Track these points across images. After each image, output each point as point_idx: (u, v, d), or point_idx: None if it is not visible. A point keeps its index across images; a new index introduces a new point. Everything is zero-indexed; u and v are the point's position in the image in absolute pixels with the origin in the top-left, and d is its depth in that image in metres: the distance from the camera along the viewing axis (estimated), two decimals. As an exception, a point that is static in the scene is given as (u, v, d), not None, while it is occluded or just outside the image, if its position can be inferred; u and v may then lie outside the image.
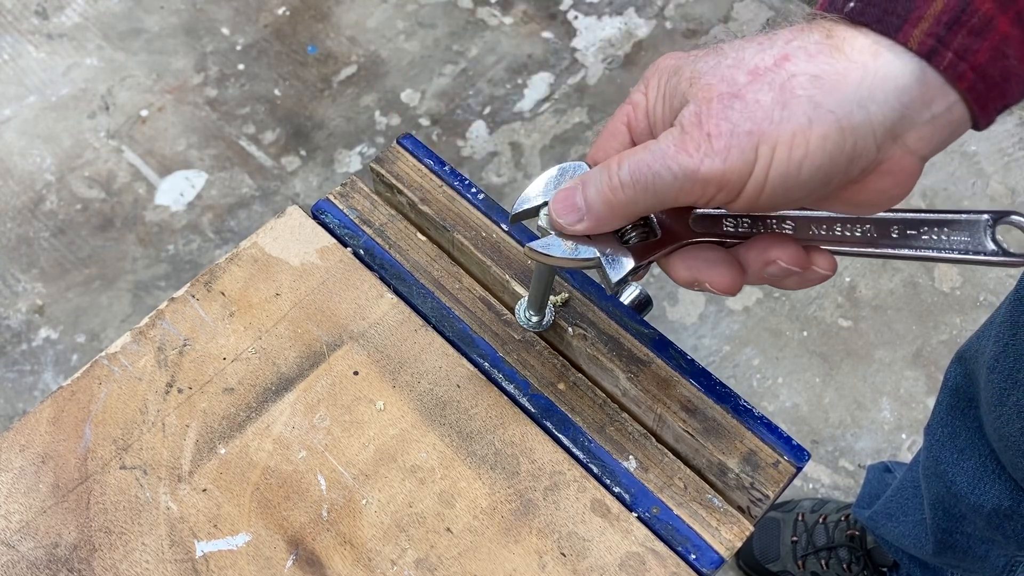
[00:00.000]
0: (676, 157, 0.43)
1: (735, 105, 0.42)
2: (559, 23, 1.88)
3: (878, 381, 1.50)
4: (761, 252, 0.47)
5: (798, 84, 0.41)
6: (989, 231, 0.44)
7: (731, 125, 0.42)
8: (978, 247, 0.44)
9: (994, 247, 0.44)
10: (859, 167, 0.42)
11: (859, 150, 0.41)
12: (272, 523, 0.55)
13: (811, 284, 0.48)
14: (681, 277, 0.48)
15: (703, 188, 0.43)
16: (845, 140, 0.41)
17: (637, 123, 0.49)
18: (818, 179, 0.42)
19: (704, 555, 0.54)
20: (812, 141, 0.41)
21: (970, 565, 1.03)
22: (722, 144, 0.42)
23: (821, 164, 0.41)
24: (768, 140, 0.41)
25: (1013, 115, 1.76)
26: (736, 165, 0.42)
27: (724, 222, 0.48)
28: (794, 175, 0.42)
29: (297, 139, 1.73)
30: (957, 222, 0.45)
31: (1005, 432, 0.84)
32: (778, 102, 0.41)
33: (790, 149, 0.41)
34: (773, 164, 0.41)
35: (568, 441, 0.58)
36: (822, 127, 0.41)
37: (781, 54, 0.42)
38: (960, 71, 0.40)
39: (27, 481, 0.56)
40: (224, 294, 0.63)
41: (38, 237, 1.62)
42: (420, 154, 0.68)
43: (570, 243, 0.48)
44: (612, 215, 0.46)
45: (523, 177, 1.68)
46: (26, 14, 1.87)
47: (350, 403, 0.59)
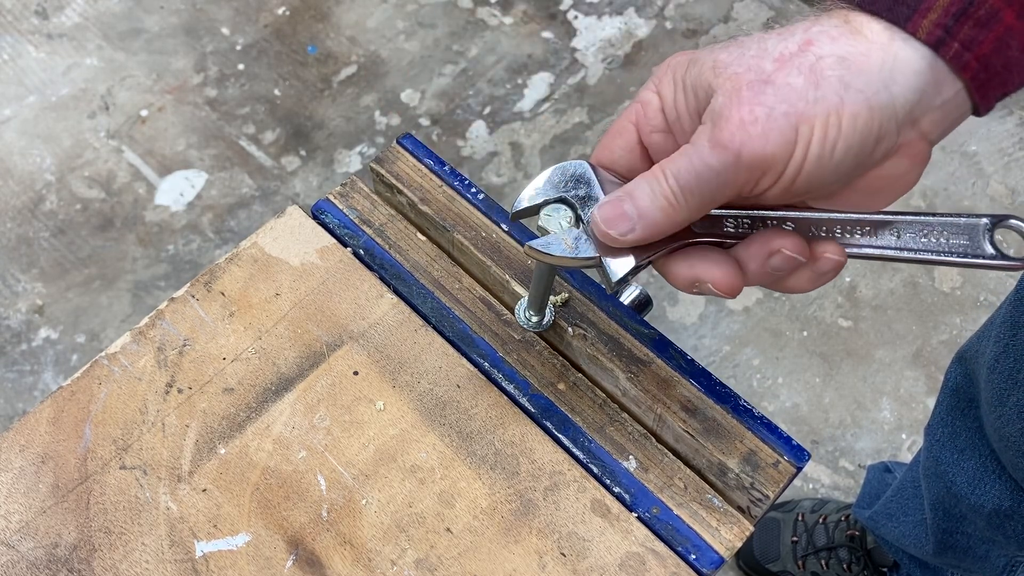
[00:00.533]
0: (714, 153, 0.43)
1: (767, 90, 0.42)
2: (559, 23, 1.88)
3: (878, 381, 1.50)
4: (763, 244, 0.46)
5: (827, 65, 0.41)
6: (988, 235, 0.45)
7: (767, 109, 0.42)
8: (977, 250, 0.44)
9: (993, 251, 0.44)
10: (883, 150, 0.43)
11: (884, 131, 0.42)
12: (272, 523, 0.55)
13: (824, 279, 0.47)
14: (681, 278, 0.48)
15: (748, 174, 0.43)
16: (873, 120, 0.42)
17: (648, 121, 0.49)
18: (848, 160, 0.43)
19: (704, 555, 0.54)
20: (844, 120, 0.41)
21: (970, 565, 1.03)
22: (759, 129, 0.42)
23: (852, 144, 0.42)
24: (807, 120, 0.41)
25: (1013, 115, 1.76)
26: (778, 144, 0.42)
27: (725, 222, 0.48)
28: (828, 156, 0.42)
29: (297, 139, 1.73)
30: (956, 225, 0.45)
31: (1005, 432, 0.84)
32: (811, 83, 0.41)
33: (826, 128, 0.41)
34: (812, 144, 0.42)
35: (568, 441, 0.58)
36: (853, 106, 0.41)
37: (804, 39, 0.42)
38: (965, 61, 0.41)
39: (27, 481, 0.56)
40: (224, 294, 0.63)
41: (38, 237, 1.62)
42: (420, 154, 0.68)
43: (570, 242, 0.48)
44: (667, 222, 0.45)
45: (523, 177, 1.68)
46: (26, 14, 1.87)
47: (350, 403, 0.59)
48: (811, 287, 0.47)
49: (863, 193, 0.46)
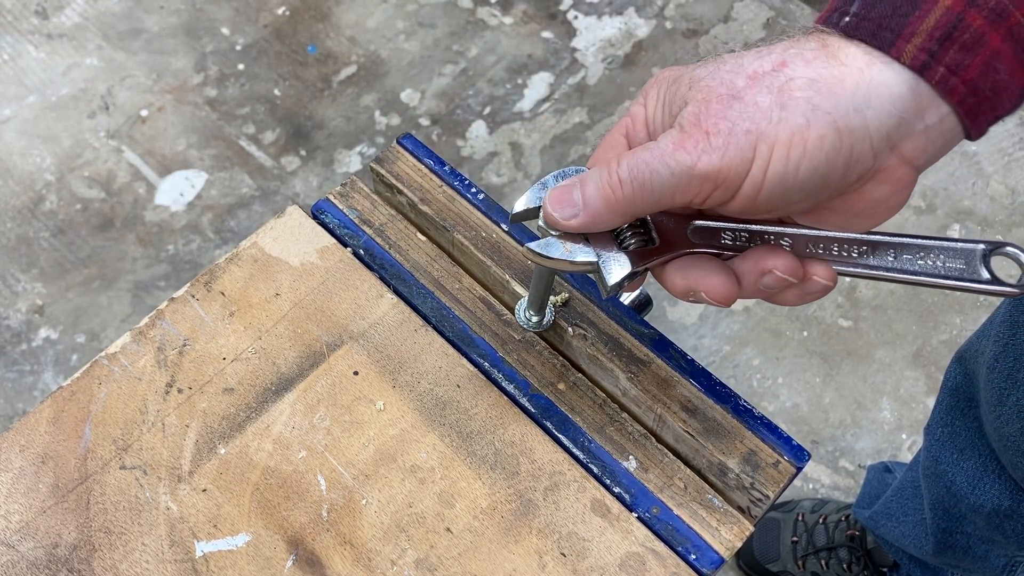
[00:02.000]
0: (674, 155, 0.43)
1: (734, 106, 0.42)
2: (559, 23, 1.88)
3: (878, 381, 1.50)
4: (756, 262, 0.47)
5: (796, 87, 0.42)
6: (984, 260, 0.45)
7: (730, 124, 0.42)
8: (973, 275, 0.45)
9: (989, 276, 0.45)
10: (856, 173, 0.43)
11: (856, 155, 0.42)
12: (272, 523, 0.55)
13: (811, 297, 0.47)
14: (677, 286, 0.48)
15: (700, 185, 0.43)
16: (842, 143, 0.42)
17: (636, 134, 0.50)
18: (815, 181, 0.43)
19: (704, 555, 0.54)
20: (810, 141, 0.41)
21: (970, 565, 1.03)
22: (720, 141, 0.42)
23: (818, 166, 0.42)
24: (767, 139, 0.42)
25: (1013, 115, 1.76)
26: (733, 162, 0.42)
27: (723, 235, 0.48)
28: (792, 175, 0.42)
29: (297, 139, 1.73)
30: (953, 249, 0.45)
31: (1005, 432, 0.84)
32: (777, 103, 0.42)
33: (788, 149, 0.42)
34: (771, 164, 0.42)
35: (568, 441, 0.58)
36: (819, 128, 0.41)
37: (779, 60, 0.43)
38: (951, 85, 0.41)
39: (27, 481, 0.56)
40: (224, 294, 0.63)
41: (38, 237, 1.62)
42: (420, 154, 0.68)
43: (568, 245, 0.48)
44: (609, 212, 0.46)
45: (523, 177, 1.68)
46: (26, 14, 1.87)
47: (350, 403, 0.59)
48: (798, 303, 0.48)
49: (845, 215, 0.46)
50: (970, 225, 1.64)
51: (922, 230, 1.64)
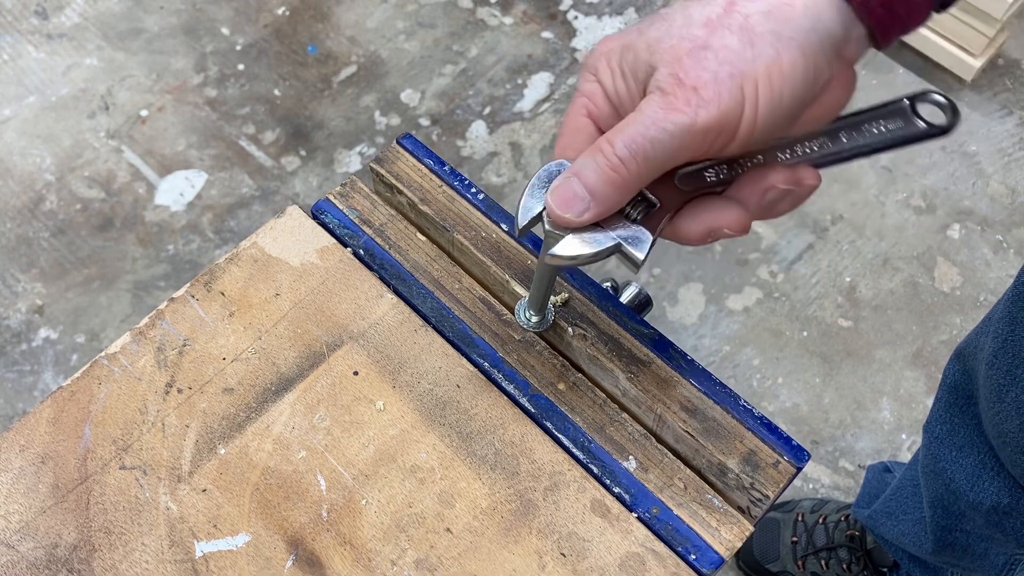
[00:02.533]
0: (668, 117, 0.44)
1: (707, 55, 0.44)
2: (559, 23, 1.88)
3: (878, 381, 1.50)
4: (757, 184, 0.49)
5: (756, 23, 0.44)
6: (914, 112, 0.49)
7: (711, 73, 0.44)
8: (912, 129, 0.49)
9: (924, 124, 0.49)
10: (820, 85, 0.46)
11: (819, 69, 0.45)
12: (272, 523, 0.55)
13: (802, 200, 0.50)
14: (694, 232, 0.50)
15: (703, 138, 0.45)
16: (807, 62, 0.44)
17: (600, 111, 0.50)
18: (796, 104, 0.45)
19: (704, 555, 0.54)
20: (785, 69, 0.44)
21: (969, 563, 1.03)
22: (710, 92, 0.44)
23: (796, 88, 0.45)
24: (749, 78, 0.44)
25: (1013, 115, 1.76)
26: (729, 107, 0.44)
27: (706, 173, 0.50)
28: (778, 104, 0.45)
29: (297, 139, 1.73)
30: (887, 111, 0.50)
31: (1004, 428, 0.84)
32: (745, 42, 0.44)
33: (770, 81, 0.44)
34: (760, 99, 0.44)
35: (568, 441, 0.58)
36: (789, 55, 0.44)
37: (727, 2, 0.45)
38: (871, 7, 0.44)
39: (27, 481, 0.56)
40: (224, 294, 0.63)
41: (38, 237, 1.62)
42: (420, 154, 0.68)
43: (586, 237, 0.49)
44: (618, 194, 0.47)
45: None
46: (26, 14, 1.87)
47: (350, 403, 0.59)
48: (790, 209, 0.51)
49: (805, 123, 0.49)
50: (970, 225, 1.64)
51: (922, 230, 1.64)
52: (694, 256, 1.61)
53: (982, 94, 1.79)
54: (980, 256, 1.62)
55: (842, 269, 1.60)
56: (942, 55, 1.77)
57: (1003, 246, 1.63)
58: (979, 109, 1.77)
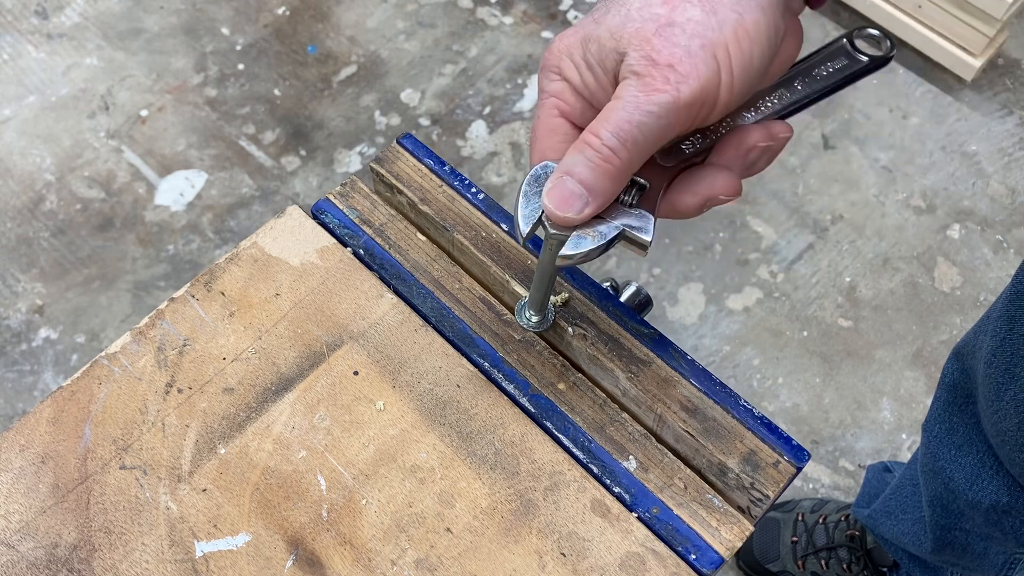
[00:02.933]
0: (651, 99, 0.44)
1: (674, 31, 0.45)
2: (559, 23, 1.88)
3: (878, 381, 1.50)
4: (738, 147, 0.50)
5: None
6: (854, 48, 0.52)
7: (683, 48, 0.44)
8: (857, 64, 0.52)
9: (865, 58, 0.52)
10: (778, 39, 0.47)
11: (777, 24, 0.47)
12: (272, 523, 0.55)
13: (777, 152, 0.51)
14: (691, 204, 0.50)
15: (688, 112, 0.45)
16: (769, 20, 0.46)
17: (572, 108, 0.50)
18: (764, 62, 0.47)
19: (704, 555, 0.54)
20: (751, 30, 0.45)
21: (969, 562, 1.03)
22: (687, 66, 0.44)
23: (763, 47, 0.46)
24: (720, 46, 0.45)
25: (1013, 115, 1.76)
26: (707, 77, 0.45)
27: (683, 146, 0.51)
28: (749, 65, 0.46)
29: (297, 139, 1.73)
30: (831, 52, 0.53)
31: (1002, 427, 0.84)
32: (708, 11, 0.45)
33: (739, 44, 0.45)
34: (732, 63, 0.45)
35: (568, 441, 0.58)
36: (751, 15, 0.45)
37: None
38: None
39: (27, 481, 0.56)
40: (224, 294, 0.63)
41: (38, 237, 1.62)
42: (420, 154, 0.68)
43: (591, 231, 0.49)
44: (614, 183, 0.47)
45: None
46: (26, 14, 1.87)
47: (350, 403, 0.59)
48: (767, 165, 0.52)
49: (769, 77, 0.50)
50: (970, 225, 1.64)
51: (922, 230, 1.64)
52: (694, 256, 1.61)
53: (982, 94, 1.79)
54: (980, 256, 1.62)
55: (842, 269, 1.60)
56: (942, 55, 1.77)
57: (1003, 246, 1.63)
58: (979, 109, 1.77)
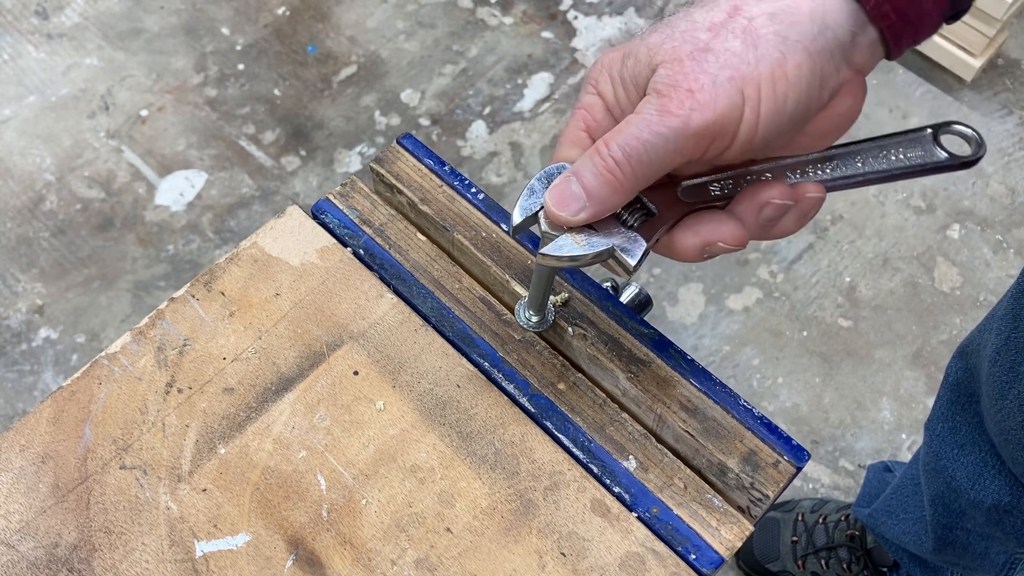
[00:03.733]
0: (662, 120, 0.44)
1: (708, 58, 0.43)
2: (559, 23, 1.88)
3: (878, 381, 1.50)
4: (753, 200, 0.48)
5: (759, 25, 0.43)
6: (935, 142, 0.49)
7: (710, 76, 0.43)
8: (932, 158, 0.48)
9: (945, 154, 0.48)
10: (828, 91, 0.45)
11: (826, 74, 0.44)
12: (272, 523, 0.55)
13: (808, 217, 0.49)
14: (691, 246, 0.49)
15: (696, 142, 0.44)
16: (815, 66, 0.44)
17: (598, 124, 0.50)
18: (801, 109, 0.45)
19: (704, 555, 0.54)
20: (790, 73, 0.43)
21: (970, 562, 1.03)
22: (707, 96, 0.43)
23: (801, 93, 0.44)
24: (751, 81, 0.43)
25: (1013, 115, 1.76)
26: (726, 112, 0.43)
27: (711, 187, 0.50)
28: (782, 109, 0.44)
29: (297, 139, 1.73)
30: (908, 140, 0.49)
31: (1006, 426, 0.84)
32: (749, 45, 0.43)
33: (773, 84, 0.43)
34: (762, 102, 0.43)
35: (568, 441, 0.58)
36: (795, 57, 0.43)
37: (731, 6, 0.44)
38: (883, 11, 0.44)
39: (27, 481, 0.56)
40: (224, 294, 0.63)
41: (38, 237, 1.62)
42: (420, 154, 0.68)
43: (580, 239, 0.48)
44: (614, 195, 0.46)
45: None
46: (26, 14, 1.87)
47: (350, 403, 0.59)
48: (797, 228, 0.50)
49: (814, 136, 0.48)
50: (970, 225, 1.64)
51: (922, 230, 1.64)
52: (694, 256, 1.61)
53: (982, 94, 1.79)
54: (980, 256, 1.62)
55: (842, 269, 1.60)
56: (942, 55, 1.77)
57: (1003, 246, 1.63)
58: (979, 109, 1.77)
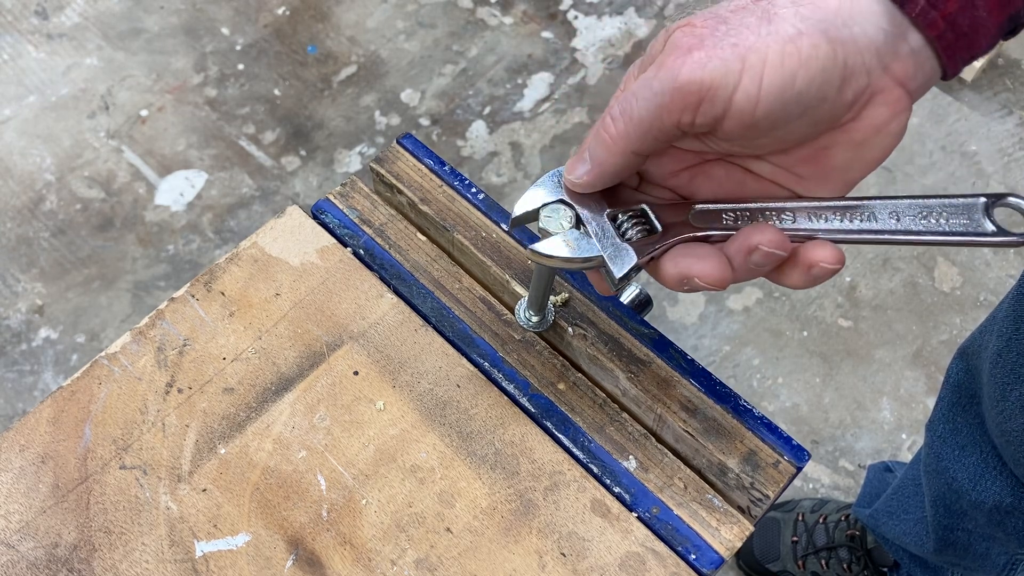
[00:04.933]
0: (656, 75, 0.43)
1: (720, 27, 0.43)
2: (559, 23, 1.88)
3: (878, 381, 1.50)
4: (743, 241, 0.46)
5: (780, 5, 0.42)
6: (987, 213, 0.44)
7: (712, 40, 0.42)
8: (977, 228, 0.44)
9: (994, 228, 0.44)
10: (853, 91, 0.43)
11: (851, 69, 0.42)
12: (272, 523, 0.55)
13: (818, 279, 0.46)
14: (669, 275, 0.47)
15: (683, 98, 0.43)
16: (836, 54, 0.41)
17: None
18: (813, 93, 0.42)
19: (704, 555, 0.54)
20: (804, 50, 0.41)
21: (971, 563, 1.03)
22: (702, 54, 0.42)
23: (814, 76, 0.42)
24: (757, 51, 0.41)
25: (1013, 115, 1.76)
26: (716, 72, 0.42)
27: (724, 216, 0.48)
28: (789, 85, 0.42)
29: (297, 139, 1.73)
30: (955, 205, 0.45)
31: (1007, 428, 0.84)
32: (762, 19, 0.42)
33: (782, 57, 0.41)
34: (766, 73, 0.41)
35: (568, 441, 0.58)
36: (812, 37, 0.41)
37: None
38: (931, 19, 0.41)
39: (27, 481, 0.56)
40: (224, 294, 0.63)
41: (38, 237, 1.62)
42: (420, 154, 0.68)
43: (572, 242, 0.48)
44: (609, 155, 0.46)
45: (523, 177, 1.68)
46: (26, 14, 1.87)
47: (350, 403, 0.59)
48: (804, 286, 0.47)
49: (847, 146, 0.45)
50: (970, 225, 1.64)
51: (922, 230, 1.64)
52: (694, 256, 1.61)
53: (982, 94, 1.79)
54: (980, 256, 1.62)
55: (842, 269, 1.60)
56: (942, 55, 1.77)
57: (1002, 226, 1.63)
58: (979, 109, 1.77)
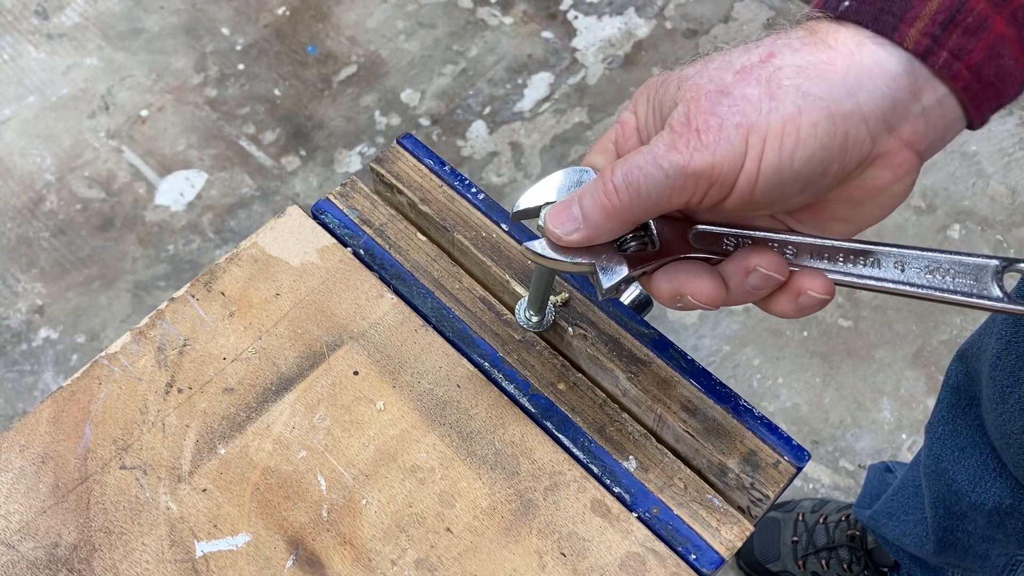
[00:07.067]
0: (666, 156, 0.43)
1: (723, 101, 0.42)
2: (559, 23, 1.88)
3: (878, 381, 1.50)
4: (741, 262, 0.46)
5: (785, 75, 0.41)
6: (997, 277, 0.43)
7: (719, 120, 0.42)
8: (983, 291, 0.43)
9: (1000, 293, 0.43)
10: (855, 159, 0.42)
11: (852, 139, 0.42)
12: (272, 523, 0.55)
13: (807, 310, 0.46)
14: (663, 291, 0.47)
15: (695, 184, 0.43)
16: (836, 128, 0.41)
17: (625, 141, 0.49)
18: (812, 169, 0.42)
19: (704, 555, 0.54)
20: (803, 129, 0.41)
21: (971, 564, 1.03)
22: (711, 138, 0.42)
23: (814, 153, 0.41)
24: (758, 131, 0.41)
25: (1013, 115, 1.76)
26: (726, 157, 0.42)
27: (725, 240, 0.48)
28: (787, 165, 0.42)
29: (297, 139, 1.73)
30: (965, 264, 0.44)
31: (1007, 430, 0.84)
32: (766, 94, 0.41)
33: (781, 138, 0.41)
34: (765, 155, 0.41)
35: (568, 441, 0.58)
36: (811, 115, 0.41)
37: (767, 52, 0.42)
38: (955, 70, 0.41)
39: (27, 481, 0.56)
40: (224, 294, 0.63)
41: (38, 237, 1.62)
42: (420, 154, 0.68)
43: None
44: (608, 222, 0.45)
45: (523, 177, 1.68)
46: (26, 14, 1.87)
47: (350, 403, 0.59)
48: (795, 315, 0.47)
49: (847, 204, 0.45)
50: (970, 225, 1.64)
51: (922, 230, 1.64)
52: (694, 256, 1.61)
53: (982, 94, 1.79)
54: (980, 256, 1.61)
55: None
56: (942, 55, 1.76)
57: (1003, 246, 1.63)
58: (979, 109, 1.77)
